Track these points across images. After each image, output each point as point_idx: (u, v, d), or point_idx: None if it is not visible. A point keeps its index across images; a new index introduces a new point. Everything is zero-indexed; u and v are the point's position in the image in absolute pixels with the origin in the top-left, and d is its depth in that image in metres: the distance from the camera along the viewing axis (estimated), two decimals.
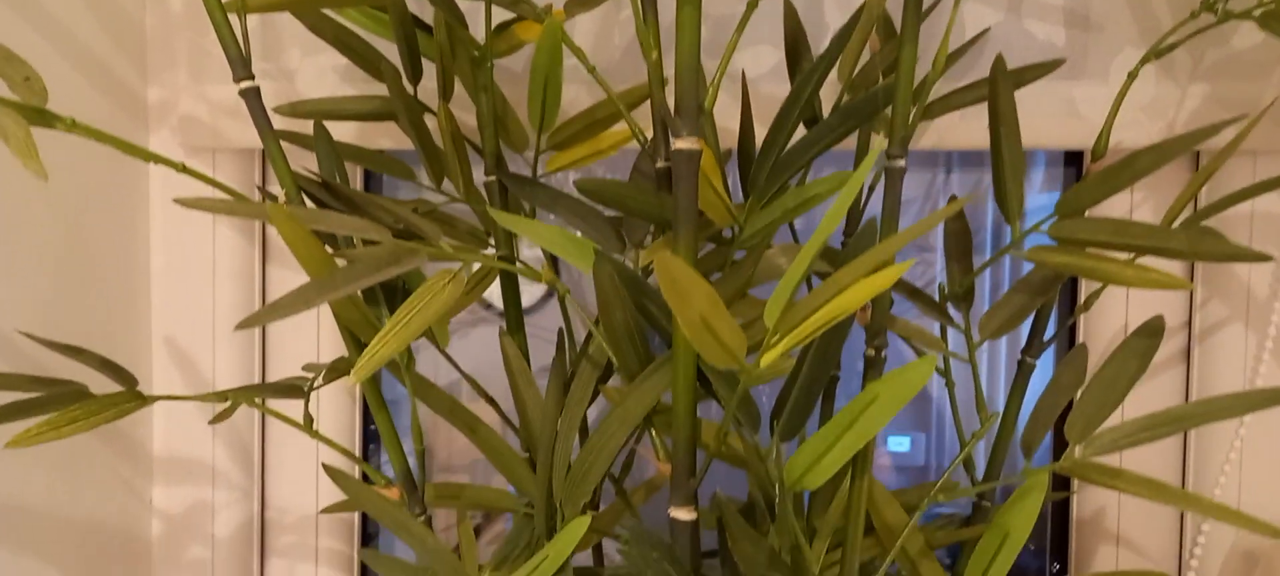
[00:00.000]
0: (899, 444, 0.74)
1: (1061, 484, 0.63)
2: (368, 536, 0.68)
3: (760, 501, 0.38)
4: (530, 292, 0.69)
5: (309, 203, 0.41)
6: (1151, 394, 0.60)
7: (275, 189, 0.57)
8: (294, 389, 0.46)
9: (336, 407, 0.64)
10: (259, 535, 0.65)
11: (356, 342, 0.41)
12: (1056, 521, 0.65)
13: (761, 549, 0.34)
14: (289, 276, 0.64)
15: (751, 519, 0.43)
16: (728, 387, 0.36)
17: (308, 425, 0.43)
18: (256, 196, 0.63)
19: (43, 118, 0.33)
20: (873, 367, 0.37)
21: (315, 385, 0.47)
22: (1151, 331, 0.42)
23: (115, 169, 0.59)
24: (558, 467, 0.40)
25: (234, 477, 0.64)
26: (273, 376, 0.65)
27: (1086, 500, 0.61)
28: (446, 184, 0.49)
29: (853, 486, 0.37)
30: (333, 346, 0.64)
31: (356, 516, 0.66)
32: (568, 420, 0.41)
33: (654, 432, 0.39)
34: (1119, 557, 0.60)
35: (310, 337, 0.64)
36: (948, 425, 0.72)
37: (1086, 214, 0.41)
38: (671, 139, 0.34)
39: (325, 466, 0.42)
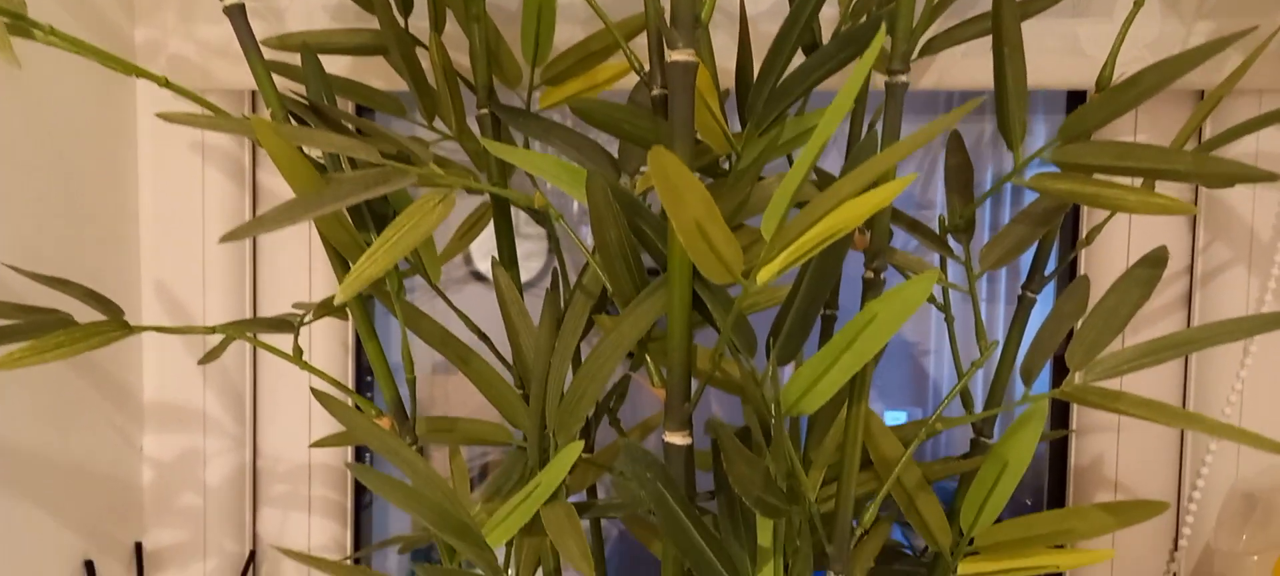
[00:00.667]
0: (895, 418, 0.74)
1: (1060, 421, 0.63)
2: (361, 485, 0.68)
3: (756, 429, 0.37)
4: (528, 268, 0.68)
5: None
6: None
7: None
8: (284, 324, 0.46)
9: (329, 351, 0.63)
10: (251, 483, 0.64)
11: (345, 265, 0.41)
12: (1053, 470, 0.65)
13: (757, 469, 0.33)
14: None
15: (747, 447, 0.42)
16: (723, 310, 0.35)
17: (297, 356, 0.42)
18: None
19: (20, 24, 0.32)
20: (871, 289, 0.36)
21: (306, 320, 0.46)
22: (1155, 261, 0.41)
23: (102, 111, 0.58)
24: (551, 397, 0.39)
25: (226, 425, 0.63)
26: (260, 308, 0.64)
27: (1084, 448, 0.61)
28: (438, 125, 0.48)
29: (850, 412, 0.37)
30: (325, 287, 0.63)
31: (351, 460, 0.66)
32: (561, 349, 0.40)
33: (649, 359, 0.38)
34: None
35: (302, 281, 0.63)
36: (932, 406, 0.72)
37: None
38: (667, 52, 0.33)
39: (314, 392, 0.41)
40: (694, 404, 0.36)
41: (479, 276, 0.70)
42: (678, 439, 0.36)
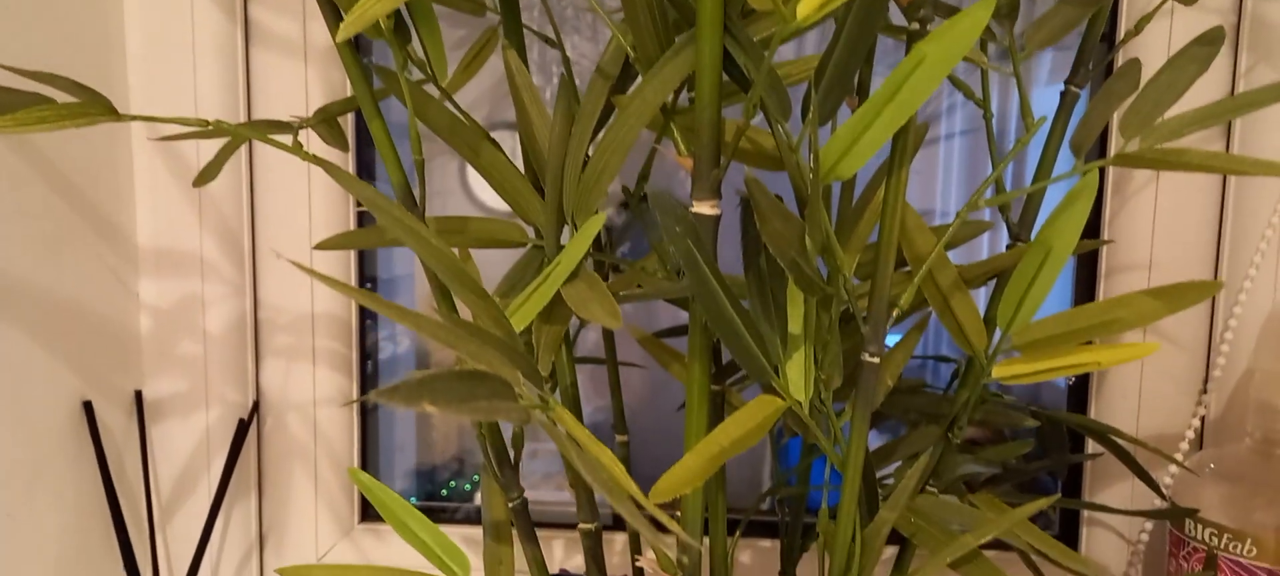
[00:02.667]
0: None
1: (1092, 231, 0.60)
2: (366, 334, 0.66)
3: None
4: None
5: None
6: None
7: None
8: (282, 126, 0.43)
9: (328, 181, 0.61)
10: (253, 335, 0.62)
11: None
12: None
13: (793, 226, 0.31)
14: (271, 59, 0.60)
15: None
16: (756, 64, 0.32)
17: (297, 149, 0.40)
18: None
19: None
20: (915, 40, 0.34)
21: (304, 123, 0.44)
22: (1210, 40, 0.39)
23: None
24: (568, 180, 0.37)
25: (224, 271, 0.61)
26: (257, 151, 0.62)
27: (1114, 287, 0.59)
28: None
29: (890, 180, 0.35)
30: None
31: (355, 313, 0.64)
32: (578, 133, 0.37)
33: (674, 127, 0.36)
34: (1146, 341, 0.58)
35: (299, 96, 0.60)
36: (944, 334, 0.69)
37: None
38: None
39: (318, 161, 0.39)
40: (722, 173, 0.34)
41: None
42: (707, 209, 0.34)
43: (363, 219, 0.63)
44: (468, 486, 0.70)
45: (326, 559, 0.65)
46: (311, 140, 0.61)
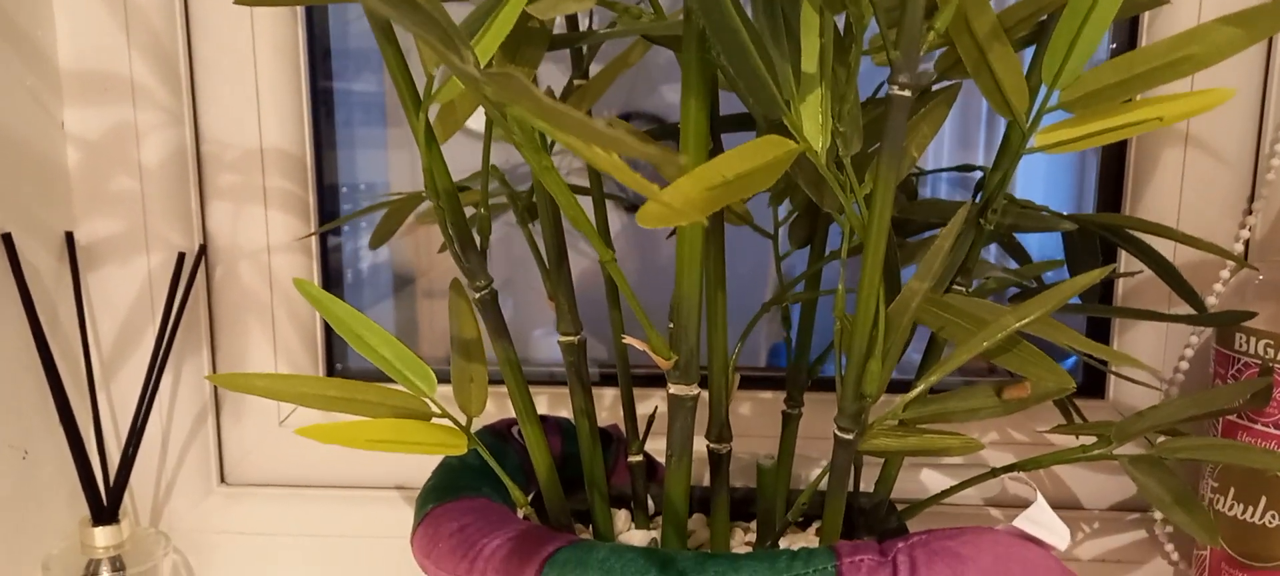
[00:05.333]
0: None
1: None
2: (323, 176, 0.60)
3: None
4: None
5: None
6: None
7: None
8: None
9: None
10: (195, 170, 0.56)
11: None
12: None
13: None
14: None
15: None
16: None
17: None
18: None
19: None
20: None
21: None
22: None
23: None
24: None
25: (159, 97, 0.55)
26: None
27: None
28: None
29: None
30: None
31: (310, 148, 0.57)
32: None
33: None
34: (1187, 159, 0.53)
35: None
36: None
37: None
38: None
39: None
40: None
41: None
42: None
43: (314, 31, 0.56)
44: None
45: (291, 420, 0.60)
46: None
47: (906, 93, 0.30)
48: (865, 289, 0.31)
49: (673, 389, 0.32)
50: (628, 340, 0.31)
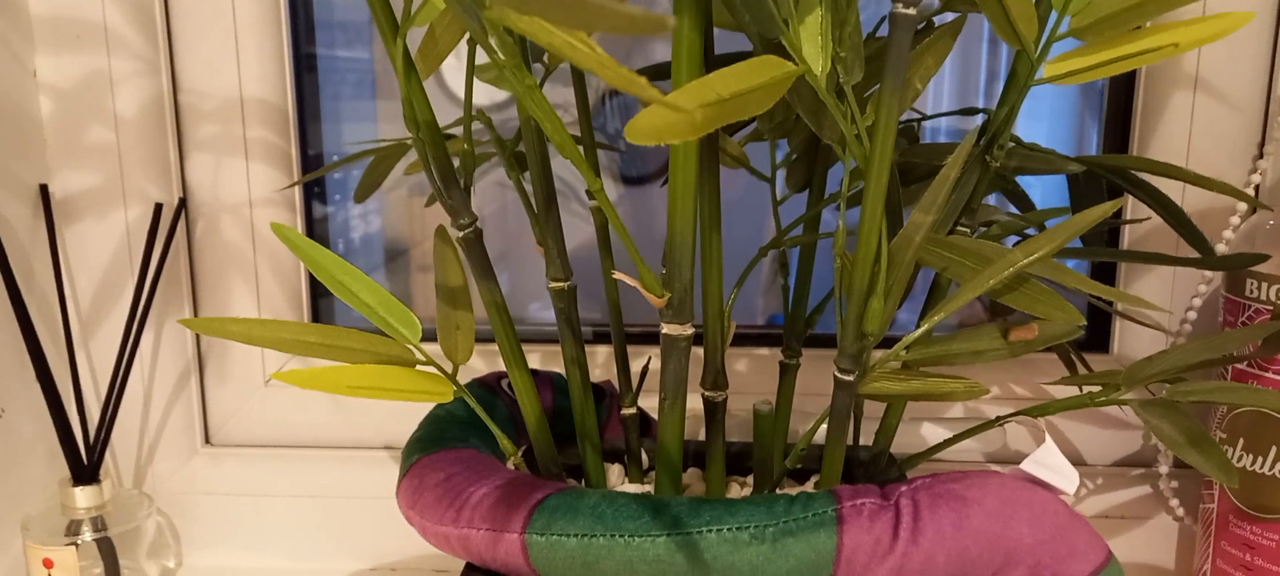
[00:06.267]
0: None
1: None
2: (305, 125, 0.58)
3: None
4: None
5: None
6: None
7: None
8: None
9: None
10: (173, 121, 0.54)
11: None
12: (1120, 88, 0.55)
13: None
14: None
15: None
16: None
17: None
18: None
19: None
20: None
21: None
22: None
23: None
24: None
25: (135, 45, 0.53)
26: None
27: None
28: None
29: None
30: None
31: (292, 99, 0.55)
32: None
33: None
34: (1196, 103, 0.51)
35: None
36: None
37: None
38: None
39: None
40: None
41: None
42: None
43: None
44: None
45: (276, 380, 0.58)
46: None
47: (911, 10, 0.28)
48: (866, 224, 0.30)
49: (666, 329, 0.31)
50: (618, 275, 0.30)
